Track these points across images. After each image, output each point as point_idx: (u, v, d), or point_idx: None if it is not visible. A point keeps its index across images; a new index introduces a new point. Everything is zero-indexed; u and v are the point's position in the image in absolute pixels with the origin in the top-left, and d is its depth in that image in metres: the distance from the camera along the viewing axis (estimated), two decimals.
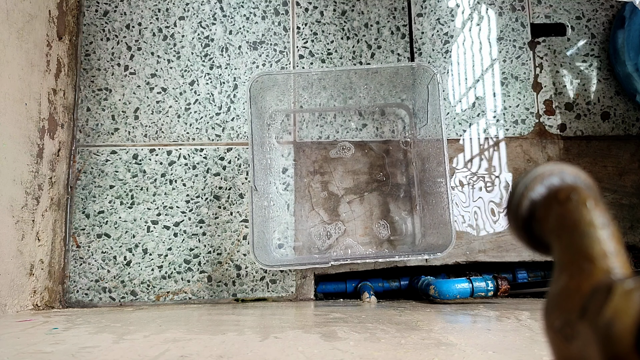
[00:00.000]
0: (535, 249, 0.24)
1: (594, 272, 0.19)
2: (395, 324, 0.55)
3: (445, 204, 0.69)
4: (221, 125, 0.84)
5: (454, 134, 0.84)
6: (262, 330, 0.52)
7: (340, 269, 0.81)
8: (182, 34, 0.86)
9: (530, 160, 0.84)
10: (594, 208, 0.21)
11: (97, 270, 0.79)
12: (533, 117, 0.85)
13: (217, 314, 0.67)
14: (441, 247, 0.68)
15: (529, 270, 0.84)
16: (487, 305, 0.72)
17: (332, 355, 0.41)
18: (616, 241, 0.20)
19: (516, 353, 0.43)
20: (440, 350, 0.43)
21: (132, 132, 0.83)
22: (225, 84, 0.85)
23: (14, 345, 0.46)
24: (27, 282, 0.70)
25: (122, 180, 0.82)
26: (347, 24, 0.87)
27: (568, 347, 0.18)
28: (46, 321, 0.59)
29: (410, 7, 0.88)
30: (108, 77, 0.85)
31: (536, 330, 0.52)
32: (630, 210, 0.83)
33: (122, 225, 0.80)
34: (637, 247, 0.82)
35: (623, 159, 0.84)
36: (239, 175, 0.83)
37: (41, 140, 0.74)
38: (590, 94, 0.86)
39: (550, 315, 0.20)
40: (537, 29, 0.88)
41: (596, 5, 0.88)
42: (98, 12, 0.86)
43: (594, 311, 0.17)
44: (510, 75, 0.86)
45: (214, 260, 0.80)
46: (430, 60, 0.86)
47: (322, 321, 0.58)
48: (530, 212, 0.23)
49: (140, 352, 0.42)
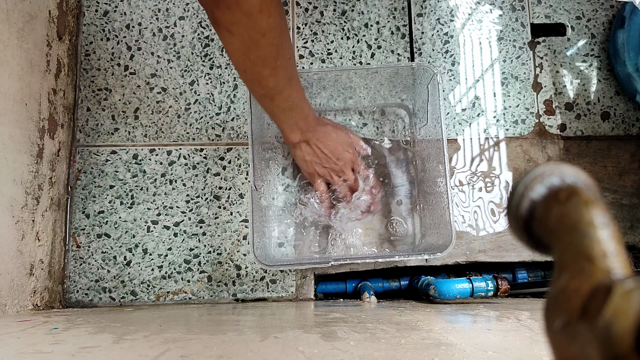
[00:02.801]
0: (535, 249, 0.24)
1: (594, 272, 0.19)
2: (395, 324, 0.55)
3: (445, 204, 0.69)
4: (221, 125, 0.84)
5: (454, 134, 0.84)
6: (262, 330, 0.52)
7: (340, 269, 0.81)
8: (182, 34, 0.86)
9: (530, 160, 0.84)
10: (594, 208, 0.21)
11: (97, 270, 0.79)
12: (533, 117, 0.85)
13: (217, 314, 0.67)
14: (441, 247, 0.68)
15: (529, 270, 0.84)
16: (487, 305, 0.72)
17: (332, 355, 0.41)
18: (616, 241, 0.20)
19: (516, 353, 0.43)
20: (440, 350, 0.43)
21: (132, 132, 0.83)
22: (225, 84, 0.85)
23: (14, 345, 0.46)
24: (27, 282, 0.70)
25: (122, 180, 0.82)
26: (347, 24, 0.87)
27: (568, 347, 0.18)
28: (46, 321, 0.59)
29: (410, 7, 0.88)
30: (108, 77, 0.85)
31: (536, 330, 0.52)
32: (630, 210, 0.83)
33: (122, 225, 0.80)
34: (637, 247, 0.82)
35: (623, 159, 0.84)
36: (239, 175, 0.83)
37: (41, 140, 0.74)
38: (590, 94, 0.86)
39: (550, 315, 0.20)
40: (537, 29, 0.88)
41: (596, 5, 0.88)
42: (98, 12, 0.86)
43: (594, 311, 0.17)
44: (510, 75, 0.86)
45: (214, 260, 0.80)
46: (430, 60, 0.87)
47: (322, 321, 0.58)
48: (530, 212, 0.23)
49: (140, 352, 0.42)
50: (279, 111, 0.66)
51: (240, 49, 0.53)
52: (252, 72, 0.57)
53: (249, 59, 0.54)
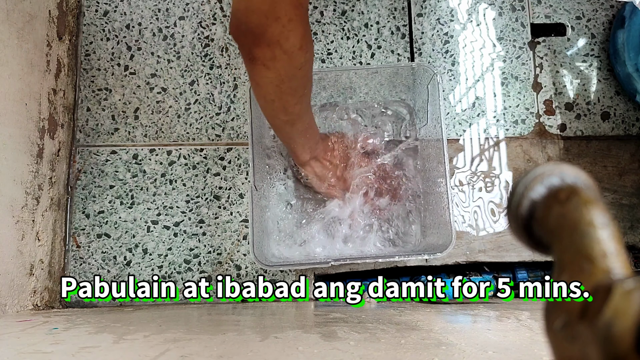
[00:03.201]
0: (535, 249, 0.24)
1: (594, 272, 0.19)
2: (395, 324, 0.55)
3: (445, 204, 0.69)
4: (221, 125, 0.84)
5: (454, 134, 0.84)
6: (262, 330, 0.52)
7: (340, 269, 0.81)
8: (182, 34, 0.86)
9: (530, 160, 0.84)
10: (594, 208, 0.21)
11: (97, 270, 0.79)
12: (533, 117, 0.85)
13: (217, 314, 0.67)
14: (441, 247, 0.68)
15: (529, 270, 0.84)
16: (487, 305, 0.72)
17: (332, 355, 0.41)
18: (616, 241, 0.20)
19: (516, 353, 0.43)
20: (440, 350, 0.43)
21: (132, 132, 0.83)
22: (225, 84, 0.85)
23: (14, 345, 0.46)
24: (27, 282, 0.70)
25: (122, 180, 0.82)
26: (347, 24, 0.87)
27: (568, 347, 0.18)
28: (46, 321, 0.59)
29: (410, 7, 0.88)
30: (108, 77, 0.85)
31: (536, 330, 0.52)
32: (630, 210, 0.83)
33: (122, 225, 0.80)
34: (637, 247, 0.82)
35: (623, 159, 0.84)
36: (239, 175, 0.83)
37: (41, 140, 0.74)
38: (590, 94, 0.86)
39: (550, 315, 0.20)
40: (537, 29, 0.88)
41: (596, 5, 0.88)
42: (98, 12, 0.86)
43: (593, 311, 0.17)
44: (510, 75, 0.86)
45: (214, 260, 0.80)
46: (430, 60, 0.87)
47: (322, 321, 0.58)
48: (530, 212, 0.23)
49: (140, 352, 0.42)
50: (297, 134, 0.66)
51: (273, 82, 0.53)
52: (280, 101, 0.56)
53: (280, 89, 0.54)
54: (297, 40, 0.48)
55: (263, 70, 0.51)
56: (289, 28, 0.47)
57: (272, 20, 0.46)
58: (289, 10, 0.46)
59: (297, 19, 0.47)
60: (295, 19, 0.47)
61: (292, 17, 0.46)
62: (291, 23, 0.47)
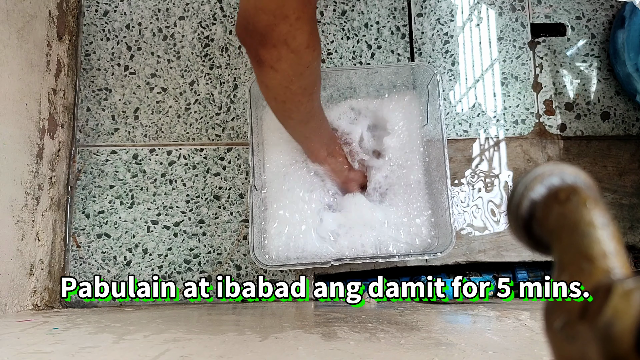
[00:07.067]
0: (535, 249, 0.24)
1: (594, 272, 0.19)
2: (395, 324, 0.55)
3: (445, 204, 0.69)
4: (221, 125, 0.84)
5: (454, 134, 0.84)
6: (262, 330, 0.52)
7: (340, 269, 0.81)
8: (182, 34, 0.86)
9: (530, 160, 0.84)
10: (594, 208, 0.21)
11: (97, 270, 0.79)
12: (533, 117, 0.85)
13: (217, 314, 0.67)
14: (441, 247, 0.68)
15: (529, 270, 0.84)
16: (487, 305, 0.72)
17: (332, 355, 0.41)
18: (616, 241, 0.20)
19: (516, 353, 0.43)
20: (440, 350, 0.43)
21: (132, 132, 0.83)
22: (225, 84, 0.85)
23: (14, 345, 0.46)
24: (27, 282, 0.70)
25: (122, 180, 0.82)
26: (347, 24, 0.87)
27: (568, 347, 0.18)
28: (46, 321, 0.59)
29: (410, 7, 0.88)
30: (108, 77, 0.85)
31: (536, 330, 0.52)
32: (630, 210, 0.83)
33: (122, 225, 0.80)
34: (637, 247, 0.82)
35: (623, 159, 0.84)
36: (239, 175, 0.83)
37: (41, 140, 0.74)
38: (590, 94, 0.86)
39: (550, 315, 0.20)
40: (537, 29, 0.88)
41: (596, 5, 0.88)
42: (98, 12, 0.86)
43: (593, 311, 0.17)
44: (510, 75, 0.86)
45: (214, 260, 0.80)
46: (430, 60, 0.87)
47: (322, 321, 0.58)
48: (530, 212, 0.23)
49: (140, 352, 0.42)
50: (311, 132, 0.66)
51: (282, 83, 0.52)
52: (291, 101, 0.56)
53: (290, 90, 0.54)
54: (305, 39, 0.48)
55: (271, 72, 0.51)
56: (296, 27, 0.47)
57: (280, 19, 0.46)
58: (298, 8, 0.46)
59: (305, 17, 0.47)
60: (303, 17, 0.46)
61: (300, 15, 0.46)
62: (299, 21, 0.46)
